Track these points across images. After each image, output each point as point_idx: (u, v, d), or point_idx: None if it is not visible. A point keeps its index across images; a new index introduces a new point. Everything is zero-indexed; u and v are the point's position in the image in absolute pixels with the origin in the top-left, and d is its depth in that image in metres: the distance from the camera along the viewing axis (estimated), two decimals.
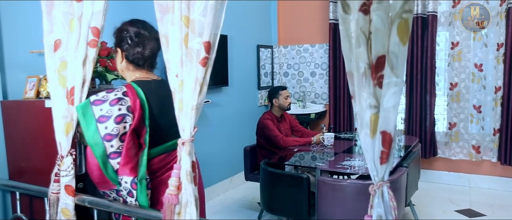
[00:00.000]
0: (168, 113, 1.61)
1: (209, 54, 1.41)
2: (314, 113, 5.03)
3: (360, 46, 1.10)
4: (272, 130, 3.43)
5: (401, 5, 1.03)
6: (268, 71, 5.37)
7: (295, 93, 5.46)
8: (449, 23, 4.40)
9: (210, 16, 1.38)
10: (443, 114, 4.62)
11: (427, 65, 4.45)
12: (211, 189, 4.28)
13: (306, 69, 5.39)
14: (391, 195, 1.09)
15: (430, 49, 4.43)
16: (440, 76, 4.57)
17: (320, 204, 2.56)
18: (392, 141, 1.06)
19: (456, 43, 4.37)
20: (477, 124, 4.43)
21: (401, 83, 1.05)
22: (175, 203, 1.42)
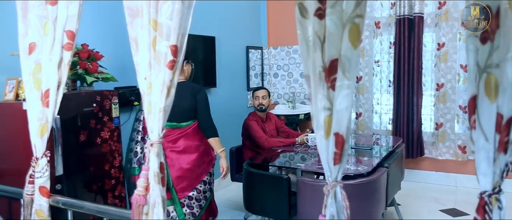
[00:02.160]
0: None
1: (176, 57, 1.44)
2: (303, 114, 5.05)
3: (316, 50, 1.13)
4: (256, 131, 3.46)
5: (352, 10, 1.06)
6: (258, 72, 5.40)
7: (285, 94, 5.49)
8: (435, 24, 4.44)
9: (176, 20, 1.41)
10: (429, 114, 4.65)
11: (414, 66, 4.49)
12: None
13: (295, 70, 5.42)
14: (344, 195, 1.12)
15: (416, 50, 4.47)
16: (427, 77, 4.61)
17: (300, 204, 2.59)
18: (345, 142, 1.09)
19: (442, 44, 4.42)
20: (463, 124, 4.47)
21: (353, 85, 1.08)
22: (143, 204, 1.44)
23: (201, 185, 2.69)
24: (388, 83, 4.75)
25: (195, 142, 2.65)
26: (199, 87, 2.78)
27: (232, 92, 4.78)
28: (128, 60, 3.62)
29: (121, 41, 3.28)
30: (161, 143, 1.50)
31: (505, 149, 0.90)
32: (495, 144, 0.90)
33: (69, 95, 2.20)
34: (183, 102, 2.59)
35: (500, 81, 0.89)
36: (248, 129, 3.53)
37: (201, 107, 2.65)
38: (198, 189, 2.67)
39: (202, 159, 2.67)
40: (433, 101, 4.59)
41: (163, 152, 1.52)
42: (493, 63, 0.90)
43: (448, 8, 4.34)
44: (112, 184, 2.43)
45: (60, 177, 2.10)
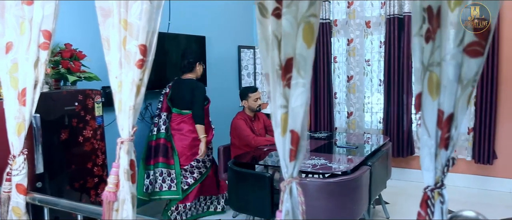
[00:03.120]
0: (176, 95, 3.37)
1: (145, 56, 1.46)
2: None
3: (274, 49, 1.15)
4: (243, 130, 3.48)
5: (306, 10, 1.08)
6: (251, 71, 5.42)
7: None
8: None
9: (145, 20, 1.43)
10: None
11: (403, 65, 4.51)
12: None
13: None
14: (299, 191, 1.14)
15: (406, 49, 4.49)
16: None
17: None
18: (300, 139, 1.11)
19: None
20: None
21: (308, 84, 1.10)
22: (113, 200, 1.47)
23: (194, 162, 3.41)
24: (379, 82, 4.77)
25: (191, 128, 3.35)
26: (198, 84, 3.41)
27: (223, 92, 4.81)
28: None
29: None
30: (132, 141, 1.52)
31: (446, 145, 0.92)
32: (437, 140, 0.93)
33: (50, 94, 2.23)
34: (186, 95, 3.35)
35: (441, 79, 0.92)
36: (236, 128, 3.56)
37: (195, 99, 3.31)
38: (192, 164, 3.40)
39: (194, 143, 3.37)
40: None
41: (134, 149, 1.55)
42: (435, 62, 0.92)
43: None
44: (95, 182, 2.46)
45: (40, 175, 2.12)
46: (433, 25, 0.92)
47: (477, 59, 0.89)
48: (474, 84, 0.91)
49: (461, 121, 0.93)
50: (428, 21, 0.92)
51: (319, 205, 2.54)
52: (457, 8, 0.89)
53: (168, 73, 4.02)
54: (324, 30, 4.93)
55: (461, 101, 0.91)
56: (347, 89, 4.98)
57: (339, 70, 5.06)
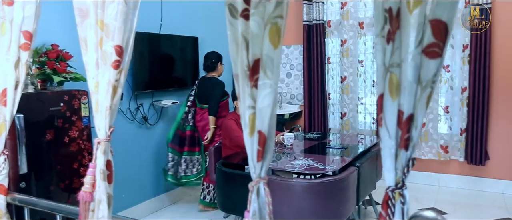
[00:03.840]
0: (200, 92, 3.88)
1: (121, 57, 1.47)
2: (288, 113, 5.08)
3: (243, 50, 1.16)
4: (234, 131, 3.49)
5: (273, 11, 1.09)
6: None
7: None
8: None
9: (120, 20, 1.44)
10: None
11: None
12: (182, 190, 4.34)
13: (282, 70, 5.45)
14: (267, 191, 1.15)
15: None
16: None
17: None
18: (267, 139, 1.12)
19: None
20: (445, 124, 4.49)
21: (275, 84, 1.11)
22: (89, 200, 1.48)
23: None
24: (372, 83, 4.77)
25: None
26: (218, 81, 3.85)
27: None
28: None
29: None
30: (109, 141, 1.53)
31: (406, 146, 0.93)
32: (397, 140, 0.93)
33: (34, 95, 2.24)
34: (207, 91, 3.83)
35: (401, 80, 0.92)
36: (227, 128, 3.56)
37: (213, 93, 3.77)
38: None
39: (214, 132, 3.85)
40: None
41: (111, 149, 1.56)
42: (395, 63, 0.93)
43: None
44: (82, 183, 2.46)
45: (25, 176, 2.13)
46: (393, 26, 0.92)
47: (436, 60, 0.90)
48: (433, 85, 0.91)
49: (421, 121, 0.93)
50: (389, 22, 0.93)
51: (305, 205, 2.55)
52: (416, 9, 0.89)
53: (163, 74, 4.03)
54: (318, 31, 4.93)
55: (420, 102, 0.92)
56: (341, 90, 4.99)
57: (332, 71, 5.06)
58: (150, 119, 3.88)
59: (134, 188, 3.73)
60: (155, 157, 3.97)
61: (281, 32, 1.10)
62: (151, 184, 3.93)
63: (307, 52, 5.05)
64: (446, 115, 4.46)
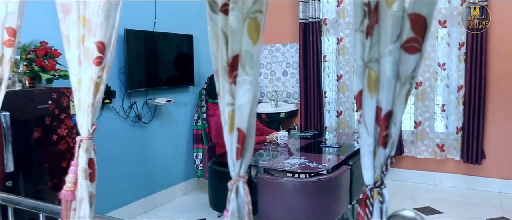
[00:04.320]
0: (213, 88, 3.59)
1: (103, 54, 1.44)
2: (284, 112, 5.06)
3: (223, 46, 1.13)
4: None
5: (252, 5, 1.07)
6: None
7: (268, 92, 5.50)
8: None
9: (102, 16, 1.41)
10: (409, 113, 4.65)
11: None
12: (177, 188, 4.32)
13: (278, 69, 5.42)
14: (246, 190, 1.12)
15: None
16: None
17: (260, 202, 2.60)
18: (246, 137, 1.09)
19: None
20: (441, 122, 4.46)
21: (254, 81, 1.08)
22: (71, 199, 1.46)
23: None
24: None
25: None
26: None
27: None
28: None
29: None
30: (91, 139, 1.51)
31: (384, 144, 0.90)
32: (375, 138, 0.91)
33: (22, 93, 2.21)
34: None
35: (379, 76, 0.90)
36: (220, 128, 3.54)
37: None
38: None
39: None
40: (412, 100, 4.58)
41: (94, 147, 1.53)
42: (373, 58, 0.90)
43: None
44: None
45: (12, 174, 2.11)
46: (372, 21, 0.90)
47: (415, 56, 0.87)
48: (412, 82, 0.89)
49: (400, 118, 0.91)
50: (368, 16, 0.90)
51: (297, 204, 2.53)
52: (394, 3, 0.87)
53: (157, 72, 4.01)
54: (314, 29, 4.90)
55: (399, 98, 0.89)
56: (337, 88, 4.96)
57: (329, 69, 5.04)
58: (143, 118, 3.86)
59: (127, 187, 3.71)
60: (148, 155, 3.95)
61: (261, 27, 1.07)
62: (144, 183, 3.91)
63: (303, 50, 5.02)
64: (442, 113, 4.44)
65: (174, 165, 4.25)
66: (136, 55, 3.70)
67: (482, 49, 4.03)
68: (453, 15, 4.20)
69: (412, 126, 4.59)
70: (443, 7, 4.26)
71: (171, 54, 4.16)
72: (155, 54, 3.99)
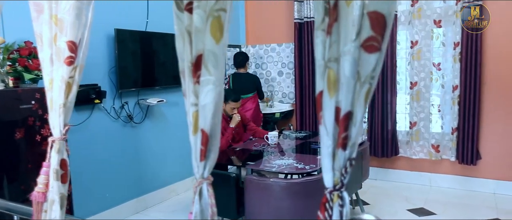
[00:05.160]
0: (239, 85, 4.66)
1: (75, 53, 1.42)
2: (279, 112, 5.03)
3: (188, 45, 1.11)
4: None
5: (214, 3, 1.04)
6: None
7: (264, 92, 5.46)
8: (408, 22, 4.39)
9: (73, 15, 1.39)
10: (404, 113, 4.61)
11: (387, 64, 4.45)
12: (171, 188, 4.30)
13: (273, 69, 5.40)
14: (210, 192, 1.10)
15: (390, 48, 4.42)
16: (401, 75, 4.57)
17: (247, 203, 2.58)
18: (209, 138, 1.07)
19: (416, 42, 4.37)
20: (436, 123, 4.42)
21: (217, 81, 1.05)
22: (42, 201, 1.44)
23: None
24: None
25: (252, 106, 4.69)
26: (256, 76, 4.97)
27: None
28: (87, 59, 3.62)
29: None
30: (64, 140, 1.49)
31: (343, 145, 0.88)
32: (334, 140, 0.88)
33: (4, 93, 2.20)
34: (248, 85, 4.70)
35: (338, 76, 0.87)
36: None
37: (258, 87, 4.78)
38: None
39: (256, 115, 4.70)
40: (407, 100, 4.55)
41: (67, 148, 1.51)
42: (333, 57, 0.88)
43: (421, 6, 4.29)
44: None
45: None
46: (331, 19, 0.87)
47: (375, 55, 0.85)
48: (371, 82, 0.86)
49: (360, 120, 0.88)
50: (328, 14, 0.88)
51: (284, 205, 2.50)
52: (352, 2, 0.84)
53: (149, 72, 3.99)
54: (309, 28, 4.88)
55: (359, 99, 0.87)
56: None
57: None
58: (135, 118, 3.84)
59: (118, 187, 3.69)
60: (140, 156, 3.93)
61: (224, 26, 1.05)
62: (135, 184, 3.89)
63: (298, 50, 4.99)
64: (438, 113, 4.40)
65: (167, 166, 4.23)
66: (127, 55, 3.68)
67: (477, 49, 3.99)
68: (448, 15, 4.16)
69: (408, 126, 4.56)
70: (438, 7, 4.22)
71: (163, 54, 4.14)
72: (147, 54, 3.97)
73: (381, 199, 4.10)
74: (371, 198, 4.11)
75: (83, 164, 3.34)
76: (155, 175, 4.10)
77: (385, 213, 3.72)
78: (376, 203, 3.98)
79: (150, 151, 4.02)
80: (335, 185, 0.90)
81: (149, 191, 4.03)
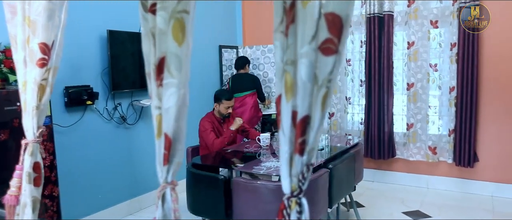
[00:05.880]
0: (238, 84, 4.79)
1: (47, 55, 1.41)
2: (276, 113, 4.99)
3: (152, 47, 1.09)
4: (208, 133, 3.42)
5: (176, 5, 1.02)
6: (234, 71, 5.35)
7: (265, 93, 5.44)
8: (405, 23, 4.35)
9: (45, 17, 1.38)
10: (401, 114, 4.56)
11: (384, 65, 4.41)
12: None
13: (270, 70, 5.37)
14: (174, 197, 1.08)
15: (386, 49, 4.38)
16: (398, 76, 4.52)
17: (235, 205, 2.55)
18: (172, 142, 1.05)
19: (412, 42, 4.32)
20: (433, 124, 4.37)
21: (180, 84, 1.03)
22: (14, 204, 1.42)
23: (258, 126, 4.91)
24: (360, 83, 4.66)
25: (251, 101, 4.79)
26: (256, 76, 5.06)
27: (204, 92, 4.73)
28: (79, 61, 3.59)
29: (73, 42, 3.28)
30: (39, 142, 1.47)
31: (301, 151, 0.85)
32: (291, 145, 0.86)
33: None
34: (247, 83, 4.80)
35: (295, 79, 0.85)
36: (201, 130, 3.50)
37: (258, 87, 4.87)
38: (255, 128, 4.70)
39: (255, 112, 4.80)
40: (404, 101, 4.50)
41: (42, 150, 1.50)
42: (289, 60, 0.85)
43: (417, 6, 4.25)
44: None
45: None
46: (288, 20, 0.85)
47: (331, 57, 0.82)
48: (329, 85, 0.83)
49: (318, 124, 0.86)
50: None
51: (271, 209, 2.46)
52: (310, 2, 0.82)
53: (143, 73, 3.96)
54: None
55: (317, 103, 0.84)
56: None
57: None
58: (128, 119, 3.83)
59: (111, 188, 3.68)
60: (134, 157, 3.92)
61: (186, 28, 1.03)
62: (129, 185, 3.88)
63: None
64: (434, 115, 4.35)
65: None
66: (120, 56, 3.67)
67: (474, 50, 3.94)
68: (445, 15, 4.11)
69: (405, 128, 4.51)
70: (435, 7, 4.17)
71: None
72: (140, 55, 3.95)
73: (376, 201, 4.05)
74: (367, 200, 4.07)
75: (76, 165, 3.34)
76: (150, 176, 4.09)
77: (380, 215, 3.68)
78: (372, 205, 3.94)
79: (144, 152, 4.01)
80: (292, 192, 0.88)
81: (143, 192, 4.02)
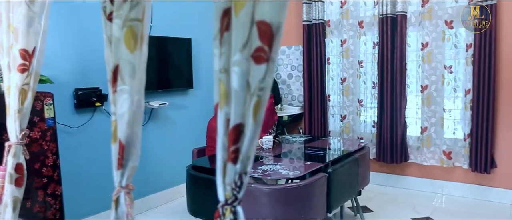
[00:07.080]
0: None
1: (28, 61, 1.47)
2: (287, 115, 4.98)
3: (110, 54, 1.12)
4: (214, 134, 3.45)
5: (127, 13, 1.04)
6: None
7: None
8: (419, 23, 4.23)
9: (24, 24, 1.44)
10: (415, 117, 4.44)
11: (396, 66, 4.30)
12: (176, 189, 4.35)
13: (283, 71, 5.35)
14: (128, 202, 1.10)
15: (399, 50, 4.27)
16: (412, 78, 4.40)
17: None
18: (125, 147, 1.07)
19: (426, 43, 4.19)
20: (448, 128, 4.22)
21: (133, 90, 1.05)
22: None
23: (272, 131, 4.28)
24: (372, 85, 4.57)
25: (267, 105, 5.18)
26: (273, 80, 5.51)
27: (210, 93, 4.77)
28: (89, 63, 3.71)
29: (82, 44, 3.40)
30: (22, 144, 1.53)
31: (234, 159, 0.85)
32: (224, 153, 0.85)
33: None
34: None
35: (228, 87, 0.84)
36: (209, 130, 3.53)
37: (275, 89, 4.75)
38: (269, 132, 4.25)
39: (270, 115, 4.21)
40: (418, 104, 4.37)
41: (25, 152, 1.56)
42: (223, 68, 0.85)
43: (431, 6, 4.12)
44: (44, 183, 2.52)
45: None
46: (222, 29, 0.85)
47: (262, 66, 0.81)
48: (260, 93, 0.82)
49: (252, 133, 0.85)
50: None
51: (266, 212, 2.47)
52: (243, 9, 0.81)
53: (159, 76, 4.05)
54: (317, 31, 4.80)
55: (249, 111, 0.84)
56: (341, 92, 4.82)
57: (332, 72, 4.91)
58: None
59: None
60: (143, 157, 3.98)
61: (138, 36, 1.05)
62: (139, 184, 3.93)
63: (307, 53, 4.92)
64: (449, 118, 4.20)
65: (172, 167, 4.29)
66: None
67: (491, 51, 3.78)
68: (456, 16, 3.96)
69: (418, 131, 4.38)
70: (450, 7, 4.03)
71: (168, 57, 4.20)
72: (152, 57, 4.03)
73: (387, 206, 3.96)
74: (377, 205, 3.99)
75: (83, 165, 3.44)
76: (160, 176, 4.17)
77: None
78: (381, 210, 3.85)
79: (154, 153, 4.09)
80: (226, 200, 0.87)
81: (152, 192, 4.10)
